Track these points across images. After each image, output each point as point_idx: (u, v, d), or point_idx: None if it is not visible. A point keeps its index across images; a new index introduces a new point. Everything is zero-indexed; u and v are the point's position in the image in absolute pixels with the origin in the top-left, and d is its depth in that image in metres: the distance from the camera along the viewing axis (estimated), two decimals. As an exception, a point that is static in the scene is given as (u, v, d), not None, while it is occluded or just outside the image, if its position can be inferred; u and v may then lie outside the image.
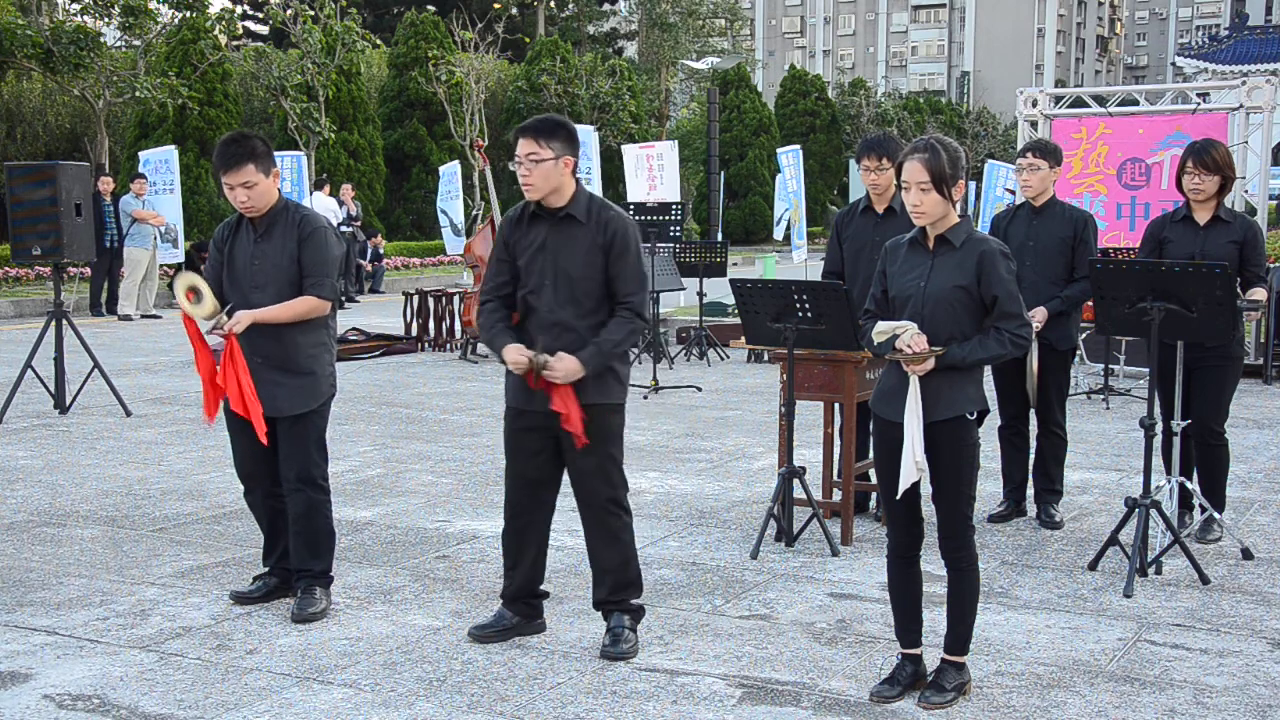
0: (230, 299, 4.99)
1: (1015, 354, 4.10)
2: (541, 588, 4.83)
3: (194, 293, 4.80)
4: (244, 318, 4.83)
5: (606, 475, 4.58)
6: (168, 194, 19.42)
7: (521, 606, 4.76)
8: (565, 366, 4.41)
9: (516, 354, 4.46)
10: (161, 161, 19.68)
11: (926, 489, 4.14)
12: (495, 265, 4.67)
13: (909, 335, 4.00)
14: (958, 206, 4.11)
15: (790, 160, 20.03)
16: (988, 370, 4.47)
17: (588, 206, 4.54)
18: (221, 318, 4.84)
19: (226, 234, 5.06)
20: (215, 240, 5.10)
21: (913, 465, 4.02)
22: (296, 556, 5.05)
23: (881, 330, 4.08)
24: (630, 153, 18.85)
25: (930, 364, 4.02)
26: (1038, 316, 6.26)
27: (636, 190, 18.24)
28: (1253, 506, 6.91)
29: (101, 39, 23.33)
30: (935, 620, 4.45)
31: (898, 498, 4.12)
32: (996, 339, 4.06)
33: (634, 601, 4.71)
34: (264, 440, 4.90)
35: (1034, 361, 6.39)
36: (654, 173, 18.33)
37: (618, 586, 4.66)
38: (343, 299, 20.18)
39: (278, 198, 5.00)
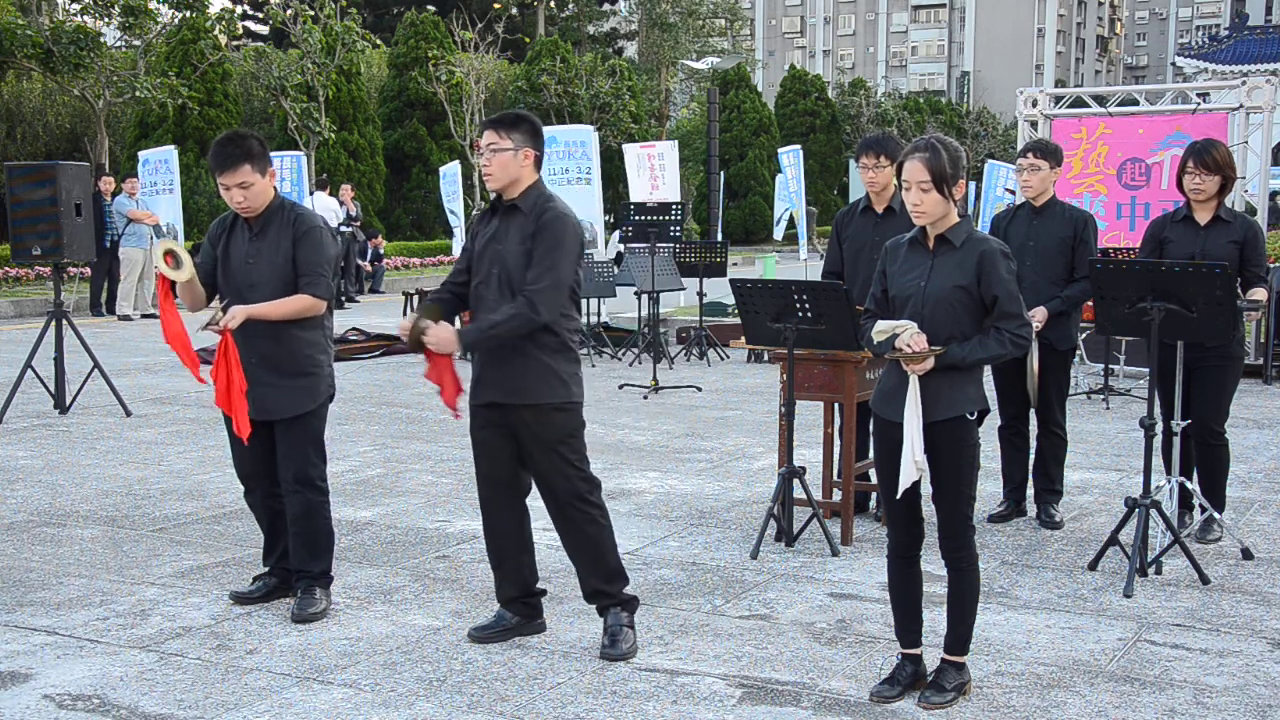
0: (225, 296, 5.01)
1: (1015, 354, 4.10)
2: (538, 586, 4.83)
3: (172, 257, 4.80)
4: (239, 313, 4.82)
5: (561, 473, 4.56)
6: (167, 194, 19.43)
7: (520, 607, 4.76)
8: (438, 333, 4.46)
9: (403, 320, 4.53)
10: (161, 161, 19.68)
11: (927, 489, 4.14)
12: (460, 257, 4.76)
13: (909, 334, 4.00)
14: (957, 206, 4.11)
15: (791, 160, 20.07)
16: (987, 370, 4.46)
17: (534, 200, 4.56)
18: (217, 314, 4.84)
19: (221, 231, 5.06)
20: (209, 236, 5.10)
21: (913, 465, 4.02)
22: (296, 557, 5.06)
23: (881, 330, 4.08)
24: (632, 152, 18.89)
25: (930, 363, 4.01)
26: (1038, 316, 6.26)
27: (639, 189, 18.27)
28: (1253, 506, 6.91)
29: (101, 39, 23.35)
30: (935, 620, 4.45)
31: (898, 497, 4.12)
32: (996, 339, 4.05)
33: (624, 594, 4.69)
34: (244, 438, 4.87)
35: (1034, 361, 6.39)
36: (656, 172, 18.36)
37: (601, 579, 4.65)
38: (341, 299, 20.20)
39: (274, 196, 5.00)
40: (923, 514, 4.19)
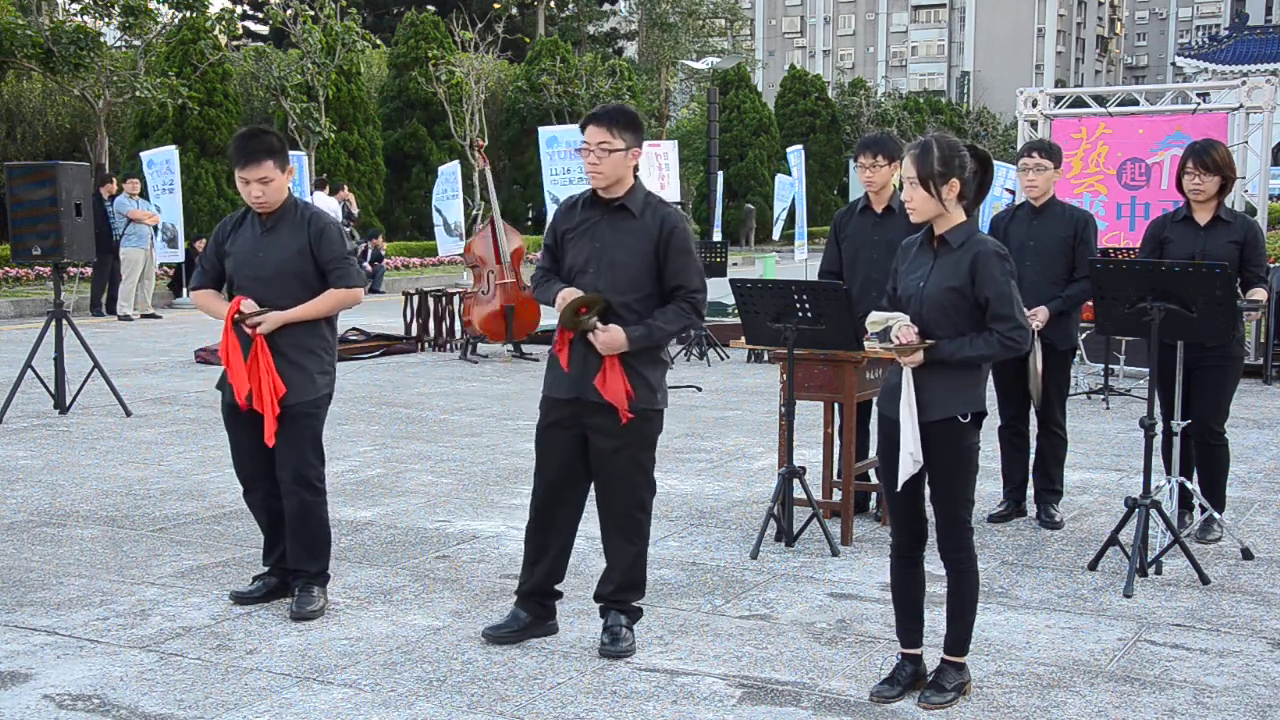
0: (233, 289, 5.02)
1: (1005, 356, 4.08)
2: (556, 587, 4.81)
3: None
4: (272, 320, 4.86)
5: (631, 481, 4.57)
6: (168, 194, 19.44)
7: (535, 606, 4.74)
8: (610, 338, 4.42)
9: (567, 290, 4.49)
10: (162, 162, 19.71)
11: (929, 489, 4.14)
12: (544, 253, 4.76)
13: (898, 326, 4.03)
14: (949, 204, 4.08)
15: (796, 160, 20.19)
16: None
17: (644, 201, 4.60)
18: (250, 312, 4.85)
19: (230, 227, 5.09)
20: (216, 235, 5.13)
21: (909, 458, 4.03)
22: (293, 556, 5.06)
23: (874, 320, 4.11)
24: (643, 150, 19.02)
25: (918, 356, 4.03)
26: (1039, 316, 6.25)
27: (650, 188, 18.38)
28: (1253, 506, 6.91)
29: (101, 39, 23.34)
30: (935, 620, 4.44)
31: (897, 490, 4.12)
32: (986, 340, 4.05)
33: (635, 603, 4.71)
34: (269, 442, 4.90)
35: (1038, 361, 6.37)
36: (663, 171, 18.51)
37: (623, 586, 4.66)
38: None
39: (288, 195, 5.03)
40: (925, 514, 4.19)
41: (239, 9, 47.09)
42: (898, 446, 4.10)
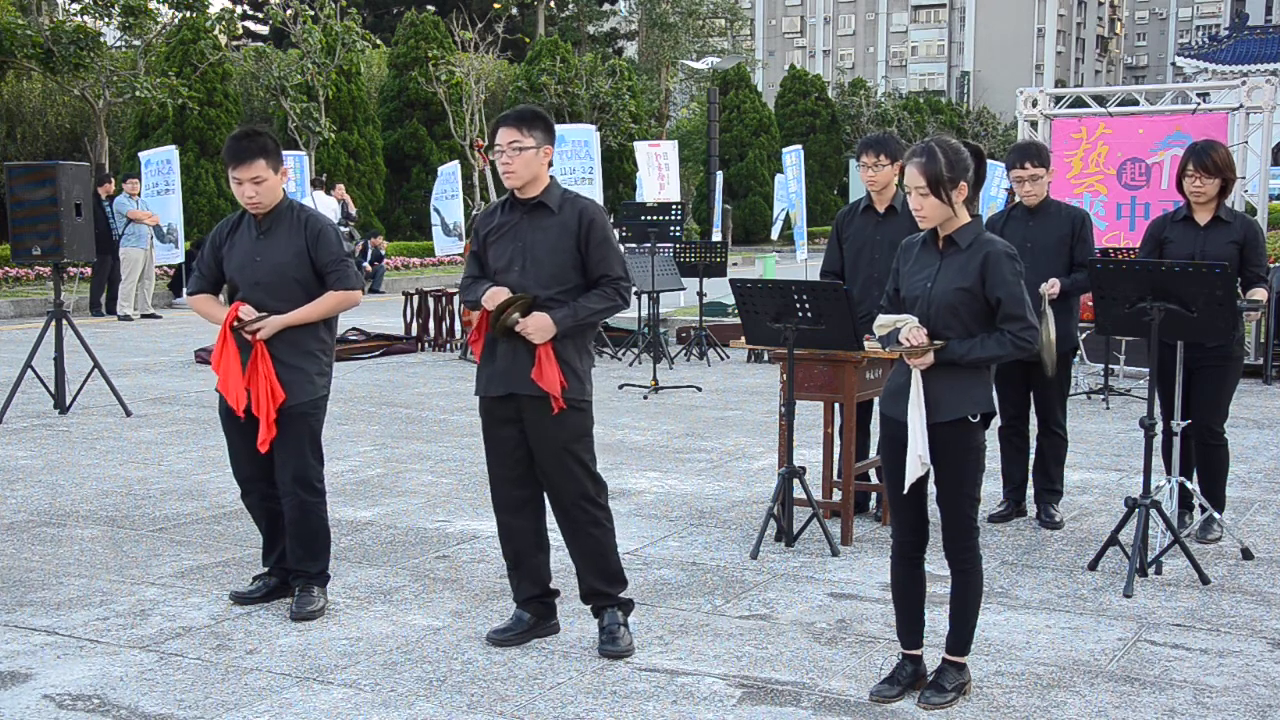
0: (231, 294, 5.03)
1: (1016, 356, 4.08)
2: (551, 586, 4.81)
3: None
4: (274, 324, 4.88)
5: (570, 473, 4.57)
6: (165, 194, 19.44)
7: (537, 606, 4.75)
8: (536, 323, 4.46)
9: (496, 290, 4.51)
10: (162, 162, 19.71)
11: (933, 489, 4.14)
12: (469, 259, 4.78)
13: (908, 328, 4.02)
14: (957, 208, 4.08)
15: (793, 160, 20.18)
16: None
17: (561, 197, 4.64)
18: (249, 319, 4.86)
19: (226, 231, 5.08)
20: (212, 239, 5.12)
21: (916, 460, 4.02)
22: (293, 557, 5.06)
23: (882, 324, 4.10)
24: (642, 150, 19.12)
25: (929, 358, 4.02)
26: (1054, 289, 6.24)
27: (650, 187, 18.42)
28: (1253, 506, 6.91)
29: (101, 39, 23.35)
30: (936, 620, 4.44)
31: (904, 493, 4.11)
32: (998, 340, 4.05)
33: (621, 596, 4.70)
34: (262, 449, 4.90)
35: (1051, 331, 6.25)
36: (663, 171, 18.55)
37: (599, 581, 4.65)
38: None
39: (282, 196, 5.03)
40: (929, 515, 4.19)
41: (239, 9, 47.10)
42: (903, 448, 4.09)
